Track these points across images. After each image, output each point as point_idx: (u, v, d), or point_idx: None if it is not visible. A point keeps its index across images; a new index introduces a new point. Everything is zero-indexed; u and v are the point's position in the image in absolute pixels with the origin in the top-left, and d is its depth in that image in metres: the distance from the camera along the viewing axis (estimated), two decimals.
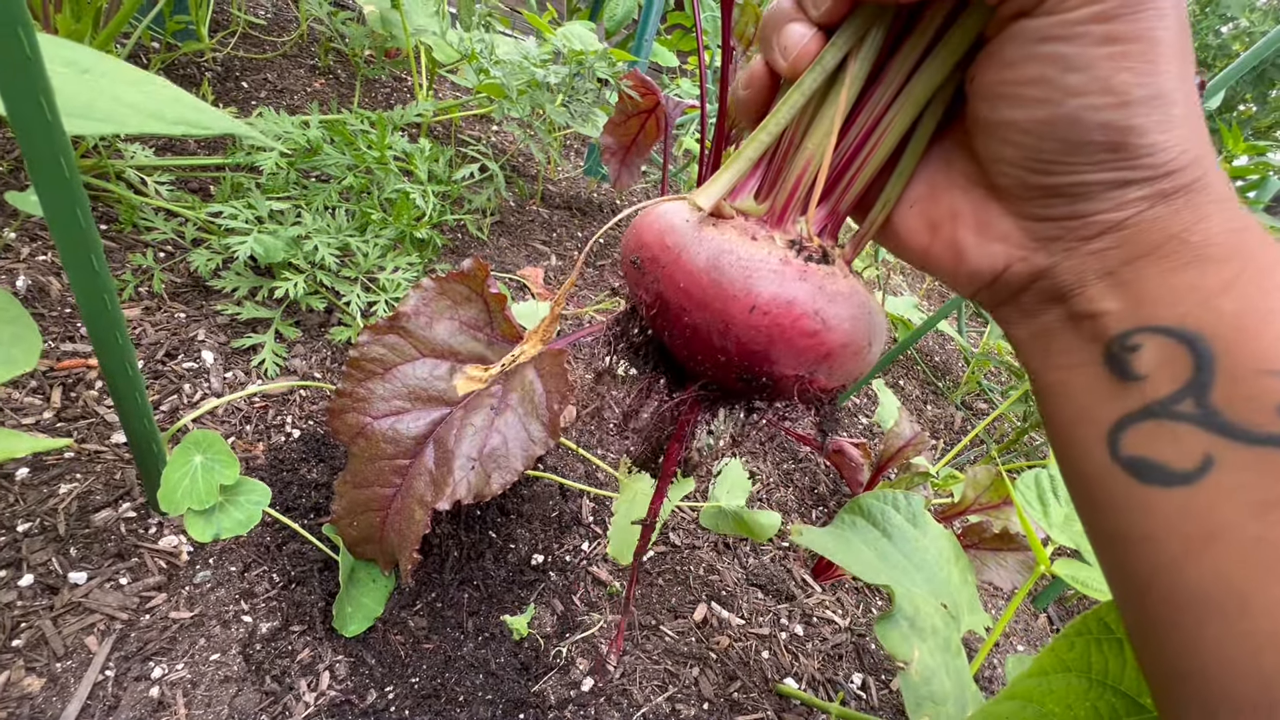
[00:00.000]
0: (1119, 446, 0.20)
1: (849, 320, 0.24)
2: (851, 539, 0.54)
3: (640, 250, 0.26)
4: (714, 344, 0.24)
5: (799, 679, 0.74)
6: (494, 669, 0.63)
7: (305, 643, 0.58)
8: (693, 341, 0.25)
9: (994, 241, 0.24)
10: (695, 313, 0.24)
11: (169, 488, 0.50)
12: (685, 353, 0.26)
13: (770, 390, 0.26)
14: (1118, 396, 0.21)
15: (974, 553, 0.75)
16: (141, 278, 0.75)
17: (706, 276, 0.24)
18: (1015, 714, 0.31)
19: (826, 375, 0.25)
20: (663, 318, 0.26)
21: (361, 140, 0.89)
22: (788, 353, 0.24)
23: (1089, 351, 0.22)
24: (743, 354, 0.24)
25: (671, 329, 0.26)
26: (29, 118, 0.33)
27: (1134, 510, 0.20)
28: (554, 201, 1.39)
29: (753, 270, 0.23)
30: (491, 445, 0.63)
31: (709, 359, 0.25)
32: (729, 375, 0.26)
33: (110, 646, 0.51)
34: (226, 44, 1.21)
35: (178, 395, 0.68)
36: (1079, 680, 0.30)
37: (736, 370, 0.25)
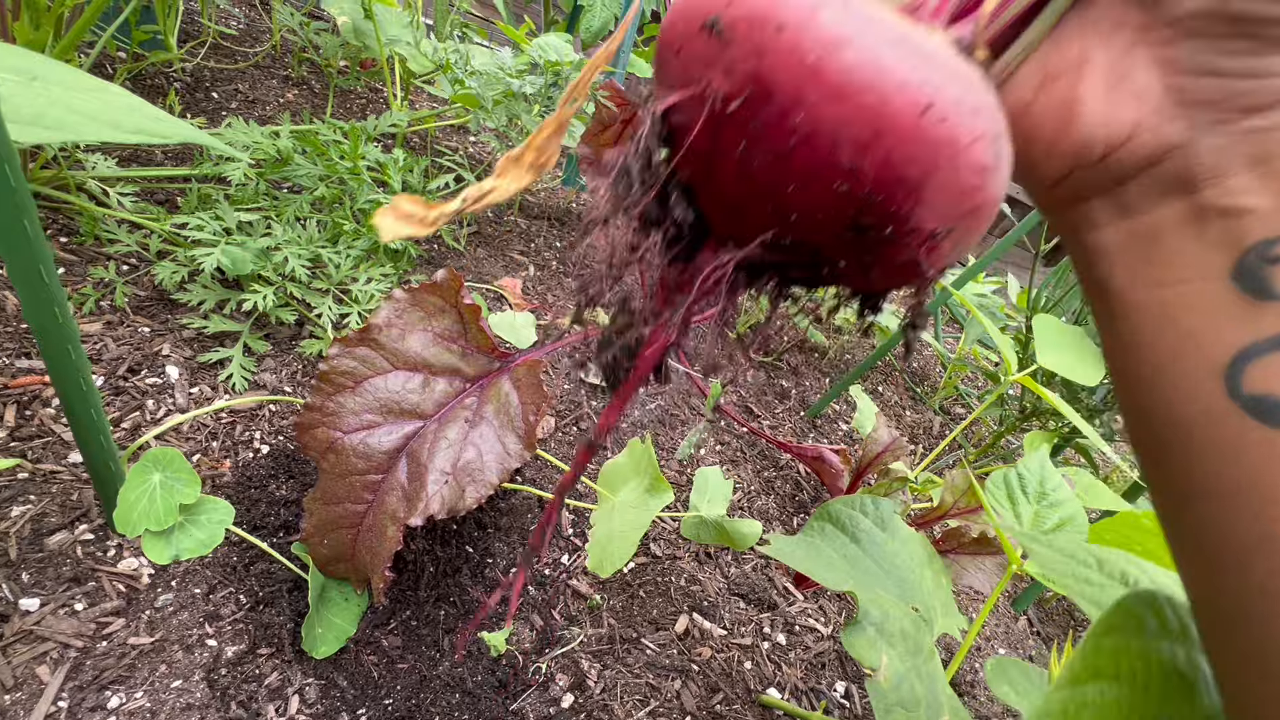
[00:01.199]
0: (1240, 382, 0.17)
1: (1008, 170, 0.18)
2: (821, 547, 0.54)
3: (733, 6, 0.17)
4: (839, 162, 0.16)
5: (782, 689, 0.73)
6: (471, 687, 0.62)
7: (273, 666, 0.56)
8: (796, 158, 0.17)
9: (1127, 98, 0.19)
10: (825, 107, 0.16)
11: (125, 508, 0.48)
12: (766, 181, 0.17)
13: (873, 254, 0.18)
14: (1245, 320, 0.17)
15: (953, 557, 0.75)
16: (103, 291, 0.72)
17: (858, 52, 0.16)
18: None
19: (954, 242, 0.18)
20: (747, 118, 0.17)
21: (334, 151, 0.88)
22: (948, 190, 0.17)
23: (1212, 261, 0.17)
24: (886, 180, 0.16)
25: (756, 138, 0.17)
26: None
27: (1250, 458, 0.16)
28: (532, 212, 1.39)
29: (930, 58, 0.17)
30: (466, 458, 0.62)
31: (815, 189, 0.17)
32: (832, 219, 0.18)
33: (64, 676, 0.49)
34: (196, 54, 1.20)
35: (140, 412, 0.66)
36: (1110, 688, 0.28)
37: (857, 210, 0.17)
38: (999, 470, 0.60)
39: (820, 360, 1.49)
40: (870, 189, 0.17)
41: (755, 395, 1.23)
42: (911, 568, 0.53)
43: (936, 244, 0.18)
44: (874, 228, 0.17)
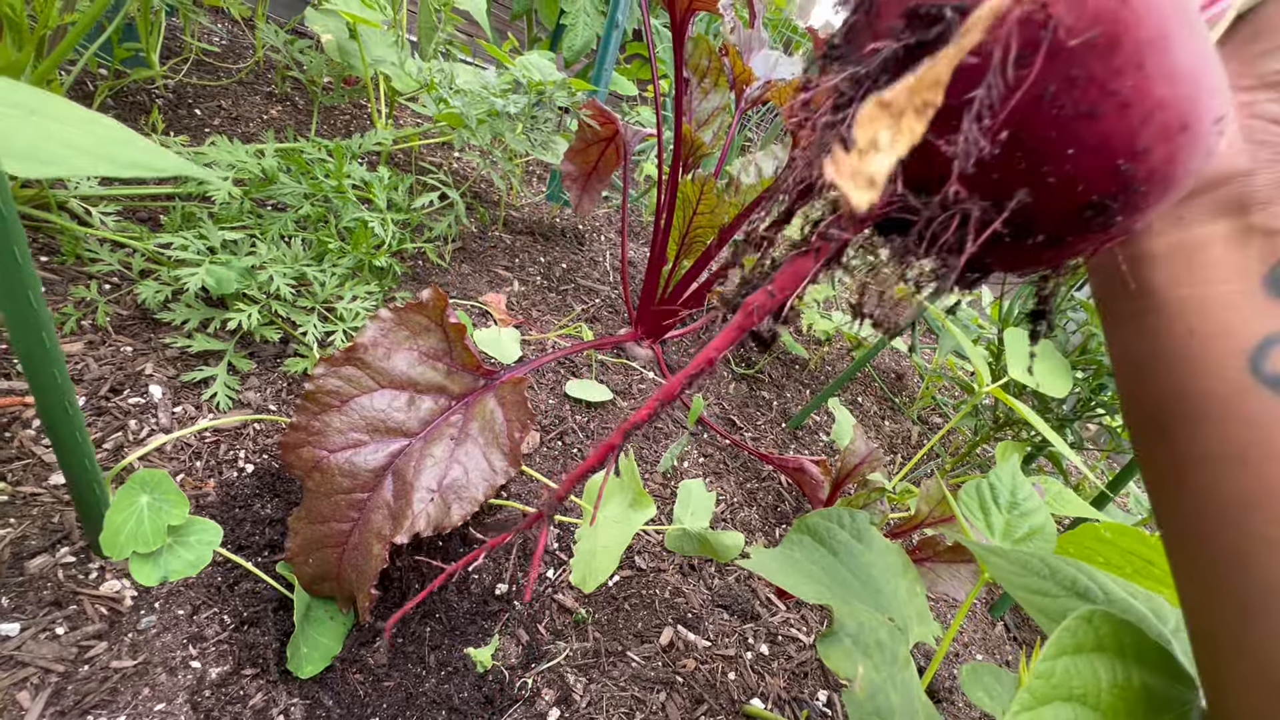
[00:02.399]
0: (1264, 362, 0.20)
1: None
2: (799, 559, 0.55)
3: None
4: (1135, 142, 0.16)
5: (765, 699, 0.75)
6: (457, 704, 0.62)
7: (259, 686, 0.56)
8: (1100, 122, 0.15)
9: None
10: (1156, 83, 0.15)
11: (111, 531, 0.48)
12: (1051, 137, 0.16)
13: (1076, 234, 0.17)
14: (1270, 315, 0.20)
15: (929, 565, 0.77)
16: (85, 311, 0.72)
17: (1202, 47, 0.16)
18: None
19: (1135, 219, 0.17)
20: (1076, 61, 0.15)
21: (318, 169, 0.89)
22: (1171, 188, 0.17)
23: (1250, 269, 0.21)
24: (1161, 175, 0.16)
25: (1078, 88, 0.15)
26: None
27: (1263, 425, 0.20)
28: (516, 227, 1.40)
29: (1220, 70, 0.17)
30: (452, 476, 0.63)
31: (1097, 160, 0.16)
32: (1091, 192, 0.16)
33: (45, 701, 0.49)
34: (179, 71, 1.20)
35: (123, 432, 0.65)
36: (1065, 710, 0.29)
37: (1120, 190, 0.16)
38: (972, 480, 0.63)
39: (801, 372, 1.52)
40: (1144, 177, 0.16)
41: (737, 407, 1.25)
42: (887, 578, 0.54)
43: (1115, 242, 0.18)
44: (1107, 214, 0.16)
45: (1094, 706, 0.29)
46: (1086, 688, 0.29)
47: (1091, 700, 0.29)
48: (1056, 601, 0.41)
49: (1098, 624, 0.30)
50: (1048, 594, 0.42)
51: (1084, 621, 0.30)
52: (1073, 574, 0.43)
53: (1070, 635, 0.30)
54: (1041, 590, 0.42)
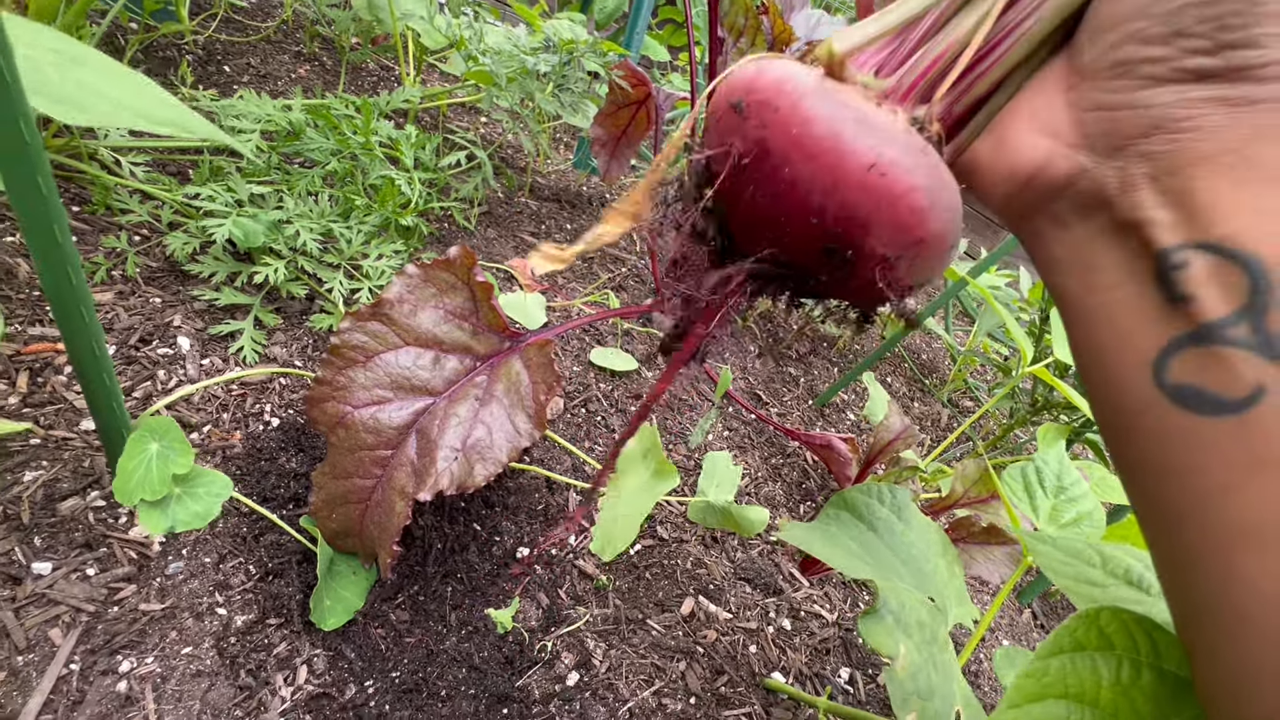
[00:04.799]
0: (1164, 373, 0.19)
1: (950, 213, 0.23)
2: (837, 534, 0.53)
3: (750, 93, 0.24)
4: (811, 202, 0.23)
5: (786, 673, 0.74)
6: (477, 663, 0.62)
7: (282, 636, 0.57)
8: (784, 199, 0.23)
9: (1042, 134, 0.23)
10: (801, 164, 0.22)
11: (124, 476, 0.48)
12: (767, 214, 0.24)
13: (845, 269, 0.24)
14: (1164, 319, 0.19)
15: (962, 546, 0.75)
16: (115, 261, 0.72)
17: (826, 127, 0.22)
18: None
19: (909, 264, 0.23)
20: (755, 169, 0.23)
21: (346, 125, 0.87)
22: (890, 224, 0.22)
23: (1134, 267, 0.20)
24: (842, 217, 0.22)
25: (761, 183, 0.23)
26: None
27: (1176, 440, 0.19)
28: (542, 194, 1.38)
29: (878, 130, 0.22)
30: (476, 436, 0.62)
31: (797, 221, 0.23)
32: (810, 245, 0.24)
33: (75, 639, 0.49)
34: (208, 26, 1.18)
35: (151, 382, 0.66)
36: (1058, 707, 0.29)
37: (825, 237, 0.23)
38: (1017, 463, 0.60)
39: (829, 350, 1.48)
40: (831, 223, 0.23)
41: (763, 382, 1.22)
42: (927, 557, 0.52)
43: (892, 266, 0.23)
44: (838, 252, 0.24)
45: (1092, 704, 0.28)
46: (1084, 686, 0.29)
47: (1090, 698, 0.28)
48: (1107, 592, 0.39)
49: (1104, 622, 0.30)
50: (1097, 583, 0.40)
51: (1086, 620, 0.30)
52: (1127, 562, 0.40)
53: (1068, 634, 0.30)
54: (1090, 580, 0.40)
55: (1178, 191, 0.19)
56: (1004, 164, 0.24)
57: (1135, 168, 0.20)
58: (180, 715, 0.49)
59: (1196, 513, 0.19)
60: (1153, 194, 0.20)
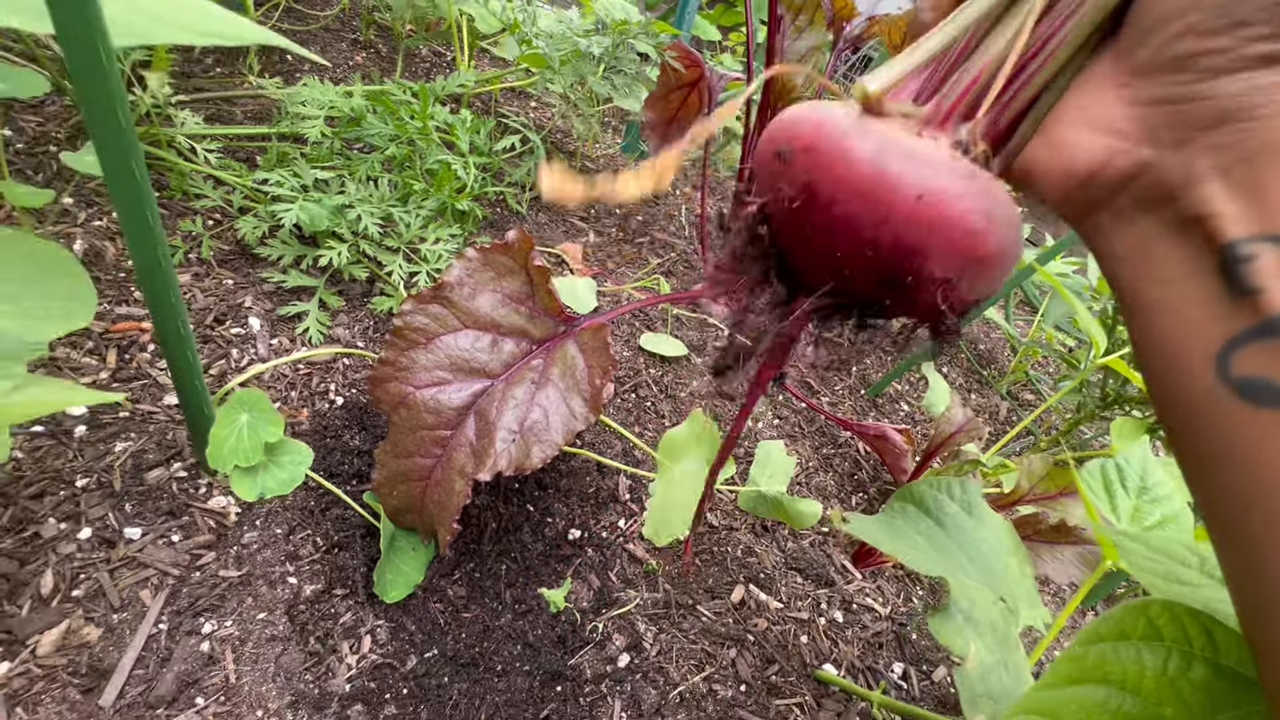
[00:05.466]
0: (1230, 367, 0.19)
1: (1006, 227, 0.23)
2: (903, 528, 0.51)
3: (792, 140, 0.25)
4: (864, 237, 0.23)
5: (838, 665, 0.72)
6: (532, 641, 0.63)
7: (348, 606, 0.59)
8: (838, 236, 0.24)
9: (1100, 132, 0.23)
10: (851, 202, 0.23)
11: (216, 445, 0.51)
12: (823, 251, 0.25)
13: (907, 294, 0.24)
14: (1230, 313, 0.19)
15: (1029, 544, 0.72)
16: (191, 244, 0.76)
17: (869, 164, 0.23)
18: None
19: (970, 283, 0.24)
20: (806, 211, 0.24)
21: (404, 111, 0.89)
22: (946, 249, 0.23)
23: (1199, 261, 0.20)
24: (897, 247, 0.23)
25: (814, 224, 0.24)
26: (87, 63, 0.33)
27: (1242, 433, 0.19)
28: None
29: (921, 160, 0.23)
30: (532, 419, 0.62)
31: (853, 256, 0.24)
32: (868, 276, 0.24)
33: (163, 601, 0.52)
34: (270, 17, 1.22)
35: (225, 360, 0.69)
36: (1095, 691, 0.28)
37: (882, 268, 0.24)
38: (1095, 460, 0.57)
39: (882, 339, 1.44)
40: (888, 254, 0.23)
41: (815, 371, 1.20)
42: (997, 555, 0.50)
43: (953, 286, 0.24)
44: (898, 280, 0.24)
45: (1134, 691, 0.28)
46: (1126, 674, 0.28)
47: (1131, 685, 0.28)
48: (1199, 591, 0.37)
49: (1154, 614, 0.29)
50: (1189, 583, 0.37)
51: (1134, 611, 0.29)
52: None
53: (1113, 623, 0.29)
54: (1182, 579, 0.38)
55: (1248, 183, 0.19)
56: (1060, 164, 0.24)
57: (1202, 160, 0.20)
58: (256, 676, 0.52)
59: (1263, 505, 0.19)
60: (1221, 186, 0.19)
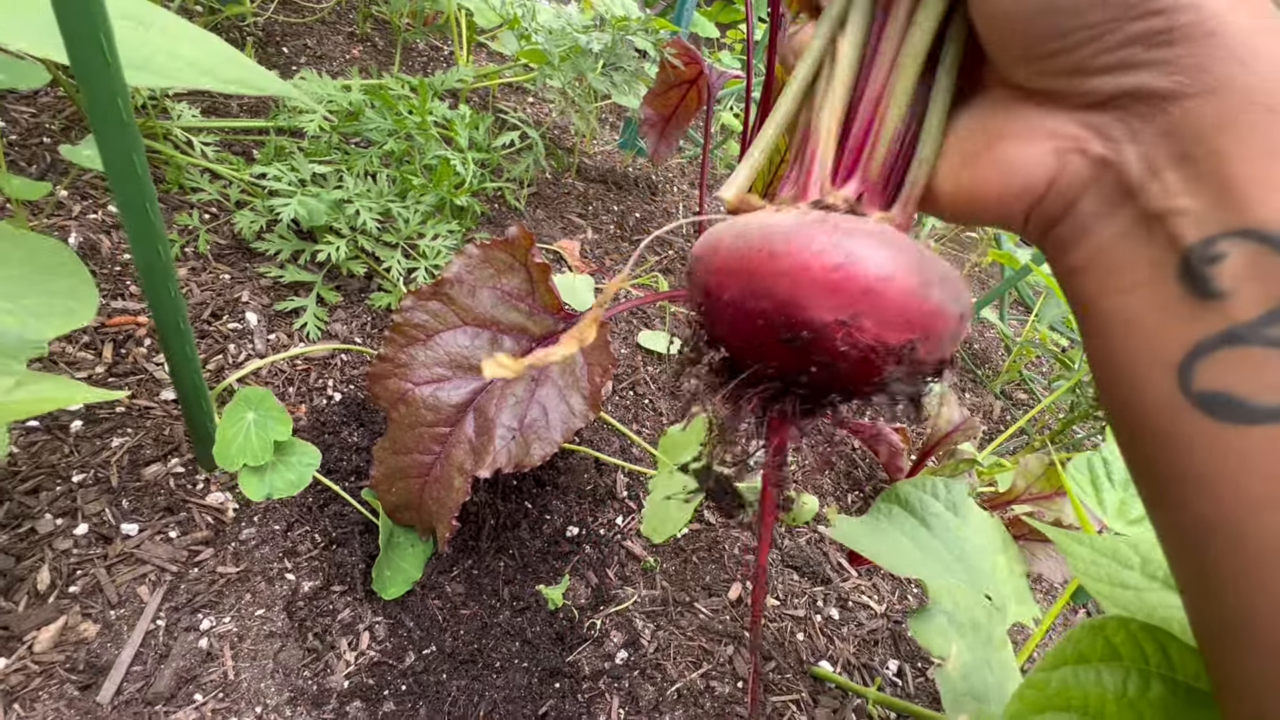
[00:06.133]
0: (1191, 379, 0.17)
1: (884, 255, 0.23)
2: (887, 529, 0.52)
3: (691, 265, 0.27)
4: (751, 308, 0.24)
5: (834, 663, 0.73)
6: (530, 637, 0.63)
7: (346, 603, 0.59)
8: (736, 317, 0.25)
9: (1046, 144, 0.21)
10: (732, 287, 0.24)
11: (224, 443, 0.50)
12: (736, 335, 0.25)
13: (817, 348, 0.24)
14: (1193, 319, 0.17)
15: (1023, 543, 0.72)
16: (187, 238, 0.75)
17: (733, 248, 0.24)
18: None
19: (873, 319, 0.23)
20: (709, 310, 0.26)
21: (403, 105, 0.88)
22: (816, 291, 0.23)
23: (1160, 265, 0.18)
24: (776, 305, 0.23)
25: (718, 316, 0.25)
26: (89, 59, 0.32)
27: (1205, 451, 0.17)
28: (589, 175, 1.37)
29: (772, 228, 0.24)
30: (532, 416, 0.62)
31: (753, 328, 0.24)
32: (775, 342, 0.24)
33: (161, 597, 0.52)
34: (267, 8, 1.21)
35: (223, 355, 0.68)
36: (1060, 718, 0.29)
37: (777, 329, 0.24)
38: (1083, 454, 0.57)
39: None
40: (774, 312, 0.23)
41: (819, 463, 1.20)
42: (985, 554, 0.50)
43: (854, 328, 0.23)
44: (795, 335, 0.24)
45: (1097, 715, 0.28)
46: (1088, 698, 0.28)
47: (1094, 710, 0.28)
48: (1142, 596, 0.37)
49: (1110, 633, 0.29)
50: (1131, 586, 0.37)
51: (1092, 631, 0.30)
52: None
53: (1072, 645, 0.29)
54: (1125, 583, 0.38)
55: (1207, 171, 0.17)
56: (1016, 184, 0.22)
57: (1157, 147, 0.18)
58: (255, 673, 0.52)
59: (1226, 527, 0.17)
60: (1181, 178, 0.18)
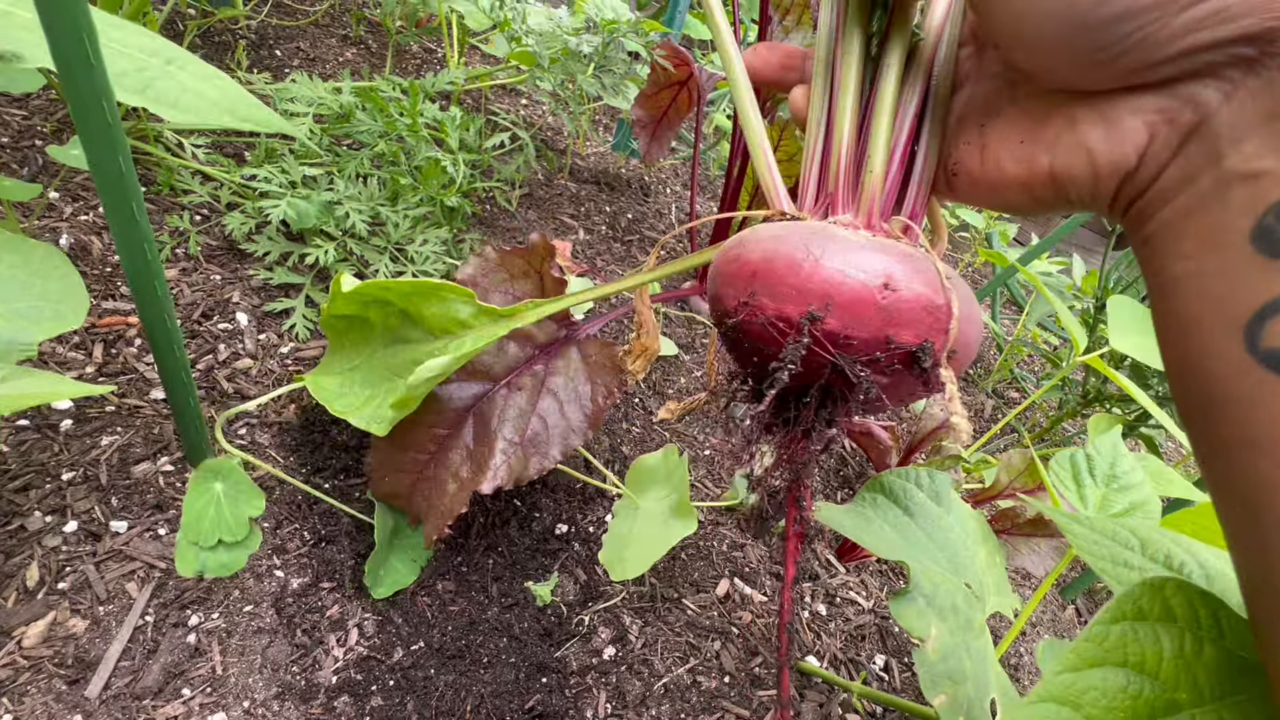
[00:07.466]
0: (1259, 337, 0.17)
1: (853, 264, 0.27)
2: (872, 517, 0.52)
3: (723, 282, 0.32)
4: (791, 297, 0.27)
5: (821, 657, 0.74)
6: (518, 633, 0.64)
7: (334, 599, 0.59)
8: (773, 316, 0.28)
9: (1130, 118, 0.21)
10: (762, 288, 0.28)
11: (193, 517, 0.50)
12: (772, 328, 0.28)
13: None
14: (1264, 279, 0.17)
15: (1006, 538, 0.73)
16: (178, 239, 0.76)
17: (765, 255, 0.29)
18: (1050, 717, 0.30)
19: (840, 318, 0.26)
20: (752, 308, 0.29)
21: (394, 107, 0.89)
22: (777, 289, 0.27)
23: (1236, 227, 0.18)
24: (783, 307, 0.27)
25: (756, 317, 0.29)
26: (73, 60, 0.33)
27: (1269, 409, 0.17)
28: (582, 176, 1.38)
29: (779, 233, 0.29)
30: (533, 430, 0.62)
31: (788, 321, 0.28)
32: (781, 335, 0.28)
33: (150, 593, 0.53)
34: (260, 11, 1.21)
35: (213, 355, 0.69)
36: (1116, 675, 0.29)
37: (782, 328, 0.27)
38: (1066, 450, 0.58)
39: None
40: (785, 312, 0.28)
41: None
42: (965, 544, 0.51)
43: (817, 321, 0.27)
44: (784, 329, 0.28)
45: (1152, 675, 0.28)
46: (1145, 656, 0.28)
47: (1150, 669, 0.28)
48: (1144, 574, 0.38)
49: (1169, 594, 0.29)
50: (1134, 566, 0.38)
51: (1152, 589, 0.29)
52: (1168, 547, 0.39)
53: (1132, 601, 0.29)
54: (1128, 563, 0.39)
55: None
56: (1105, 166, 0.23)
57: (1246, 110, 0.19)
58: (243, 669, 0.52)
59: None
60: (1266, 140, 0.18)
